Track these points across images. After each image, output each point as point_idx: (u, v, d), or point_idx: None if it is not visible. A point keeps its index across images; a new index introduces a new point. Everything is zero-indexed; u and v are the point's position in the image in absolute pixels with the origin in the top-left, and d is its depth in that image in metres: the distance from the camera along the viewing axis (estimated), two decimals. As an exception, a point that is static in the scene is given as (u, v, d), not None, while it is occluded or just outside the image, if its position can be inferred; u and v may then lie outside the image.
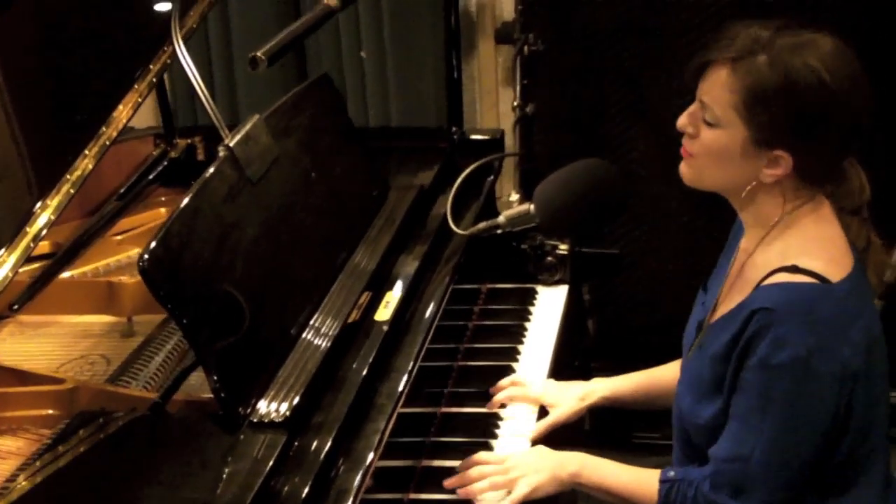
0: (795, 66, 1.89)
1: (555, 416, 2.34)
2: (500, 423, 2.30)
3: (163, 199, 2.86)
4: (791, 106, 1.89)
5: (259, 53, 2.16)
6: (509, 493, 2.09)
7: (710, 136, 1.97)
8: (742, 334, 1.93)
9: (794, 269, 1.93)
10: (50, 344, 2.37)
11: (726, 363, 1.97)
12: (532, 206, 2.39)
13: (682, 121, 2.02)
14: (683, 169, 2.05)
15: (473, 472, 2.11)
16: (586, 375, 2.57)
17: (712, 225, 2.22)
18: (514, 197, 2.77)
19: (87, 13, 2.51)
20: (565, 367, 2.56)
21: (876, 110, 1.94)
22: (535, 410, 2.36)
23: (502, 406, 2.35)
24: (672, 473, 2.07)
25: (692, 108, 2.01)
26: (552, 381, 2.43)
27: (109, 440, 1.93)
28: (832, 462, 1.96)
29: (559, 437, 2.34)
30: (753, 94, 1.90)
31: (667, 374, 2.36)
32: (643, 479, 2.10)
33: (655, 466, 2.12)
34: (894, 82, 2.98)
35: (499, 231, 2.46)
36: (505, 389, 2.37)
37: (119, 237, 2.69)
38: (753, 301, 1.93)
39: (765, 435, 1.91)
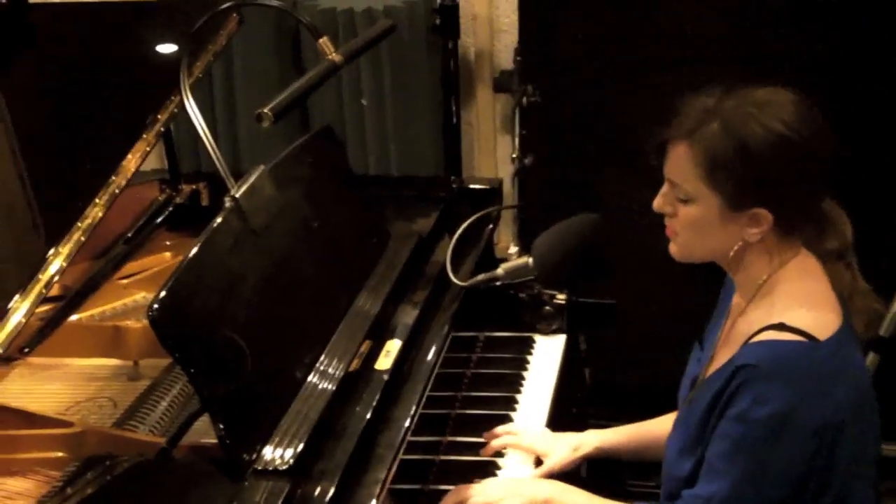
0: (747, 126, 1.93)
1: (548, 465, 2.37)
2: (497, 471, 2.34)
3: (168, 243, 2.90)
4: (751, 166, 1.93)
5: (266, 110, 2.21)
6: None
7: (687, 212, 2.01)
8: (725, 389, 1.96)
9: (781, 327, 1.96)
10: (58, 386, 2.40)
11: (710, 418, 2.01)
12: (530, 260, 2.45)
13: (658, 203, 2.07)
14: (672, 248, 2.09)
15: (451, 498, 2.17)
16: (583, 424, 2.61)
17: (706, 279, 2.26)
18: (513, 249, 2.81)
19: (95, 62, 2.57)
20: (563, 416, 2.59)
21: (860, 155, 1.98)
22: (531, 459, 2.40)
23: (498, 455, 2.39)
24: None
25: (663, 189, 2.06)
26: (546, 430, 2.46)
27: (116, 483, 1.97)
28: None
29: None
30: (713, 163, 1.94)
31: (659, 427, 2.39)
32: None
33: (647, 514, 2.15)
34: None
35: (497, 283, 2.51)
36: (500, 437, 2.41)
37: (125, 281, 2.72)
38: (739, 358, 1.97)
39: (732, 480, 1.95)
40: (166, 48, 2.66)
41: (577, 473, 2.46)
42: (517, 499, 2.17)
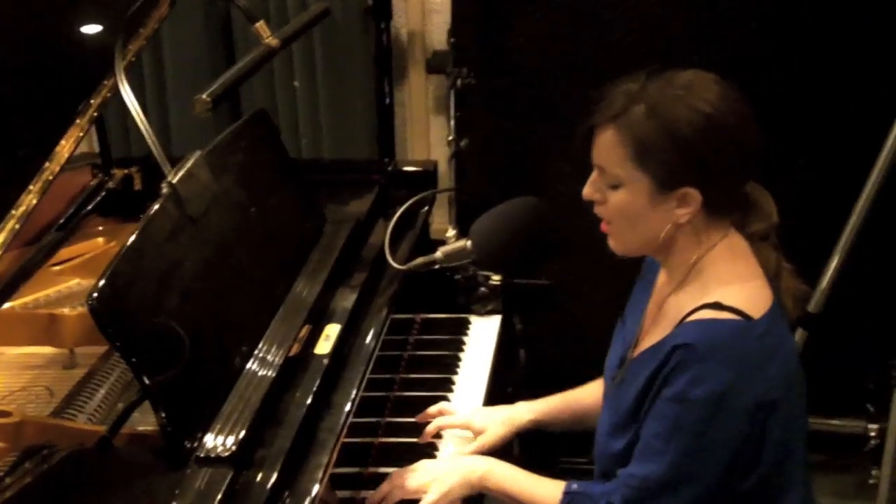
0: (673, 108, 1.96)
1: (482, 441, 2.39)
2: (436, 452, 2.36)
3: (100, 228, 2.87)
4: (677, 145, 1.95)
5: (204, 96, 2.20)
6: None
7: (617, 197, 2.03)
8: (662, 368, 1.99)
9: (717, 307, 1.99)
10: (-8, 375, 2.38)
11: (645, 397, 2.03)
12: (469, 243, 2.45)
13: (587, 191, 2.09)
14: (610, 242, 2.11)
15: (386, 485, 2.20)
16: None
17: (638, 259, 2.29)
18: (451, 233, 2.82)
19: (24, 48, 2.53)
20: (499, 396, 2.61)
21: (793, 139, 2.01)
22: (470, 437, 2.41)
23: (437, 436, 2.40)
24: (575, 486, 2.15)
25: (592, 176, 2.08)
26: (480, 406, 2.48)
27: (54, 473, 1.93)
28: (742, 491, 2.02)
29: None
30: (641, 145, 1.97)
31: (589, 396, 2.43)
32: (548, 489, 2.18)
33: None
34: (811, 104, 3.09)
35: (436, 266, 2.52)
36: (433, 421, 2.42)
37: (58, 268, 2.69)
38: (676, 337, 1.99)
39: (669, 458, 1.98)
40: (98, 31, 2.63)
41: (510, 451, 2.48)
42: (451, 477, 2.20)
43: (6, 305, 2.49)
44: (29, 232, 2.74)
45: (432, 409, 2.44)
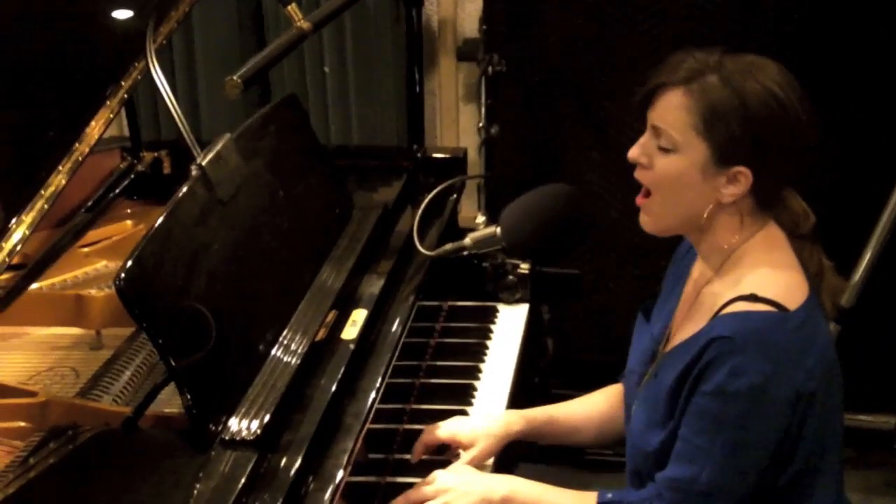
0: (748, 83, 1.93)
1: (469, 456, 2.25)
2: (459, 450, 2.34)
3: (129, 211, 2.88)
4: (748, 122, 1.93)
5: (235, 77, 2.19)
6: None
7: (667, 161, 1.99)
8: (697, 362, 1.95)
9: (752, 298, 1.96)
10: (20, 355, 2.38)
11: (681, 389, 1.99)
12: (498, 230, 2.44)
13: (634, 152, 2.03)
14: (643, 218, 2.07)
15: (402, 500, 2.09)
16: (545, 394, 2.61)
17: (667, 249, 2.27)
18: (480, 219, 2.81)
19: (56, 29, 2.53)
20: (525, 386, 2.59)
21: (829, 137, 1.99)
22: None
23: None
24: (610, 496, 2.08)
25: (643, 138, 2.03)
26: (463, 419, 2.34)
27: (80, 454, 1.95)
28: (779, 485, 1.99)
29: (513, 454, 2.38)
30: (712, 112, 1.93)
31: (578, 410, 2.38)
32: (578, 502, 2.11)
33: (607, 484, 2.14)
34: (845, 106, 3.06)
35: (465, 253, 2.50)
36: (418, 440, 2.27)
37: (86, 249, 2.70)
38: (712, 329, 1.96)
39: (714, 457, 1.94)
40: (129, 14, 2.63)
41: (534, 444, 2.45)
42: (470, 497, 2.08)
43: (34, 286, 2.50)
44: (58, 214, 2.75)
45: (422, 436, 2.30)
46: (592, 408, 2.38)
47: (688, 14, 3.36)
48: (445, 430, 2.27)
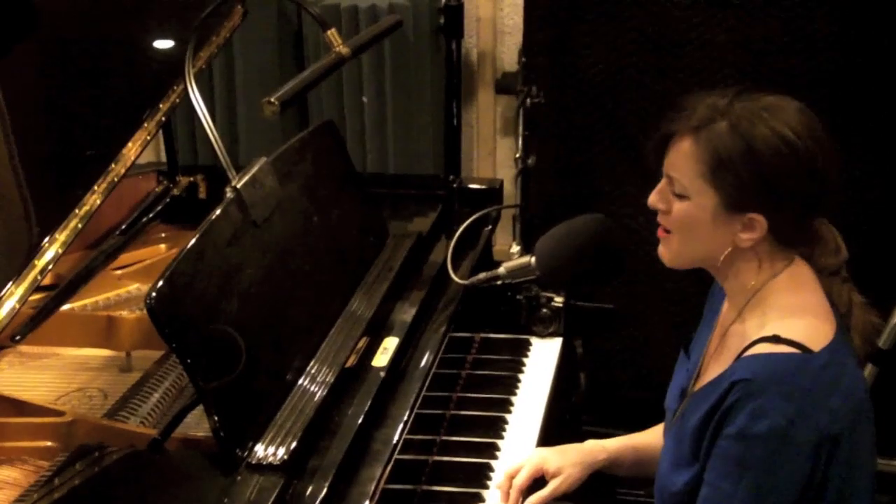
0: (756, 128, 1.90)
1: (554, 486, 2.24)
2: (491, 473, 2.31)
3: (163, 235, 2.88)
4: (756, 168, 1.90)
5: (272, 99, 2.19)
6: None
7: (681, 207, 1.98)
8: (721, 404, 1.93)
9: (775, 340, 1.93)
10: (49, 375, 2.38)
11: (704, 432, 1.97)
12: (533, 259, 2.42)
13: (653, 199, 2.03)
14: (661, 250, 2.06)
15: None
16: (577, 429, 2.57)
17: (703, 285, 2.24)
18: (515, 249, 2.79)
19: (96, 52, 2.54)
20: (557, 420, 2.56)
21: (862, 172, 1.96)
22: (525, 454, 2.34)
23: (492, 456, 2.34)
24: None
25: (660, 184, 2.02)
26: (547, 448, 2.32)
27: (106, 475, 1.95)
28: None
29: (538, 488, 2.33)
30: (718, 160, 1.91)
31: (652, 438, 2.36)
32: None
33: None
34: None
35: (498, 282, 2.48)
36: (513, 489, 2.24)
37: (119, 272, 2.71)
38: (734, 372, 1.94)
39: (738, 501, 1.91)
40: (170, 37, 2.64)
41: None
42: None
43: (66, 306, 2.50)
44: (92, 235, 2.75)
45: (502, 483, 2.26)
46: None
47: (729, 48, 3.34)
48: (533, 461, 2.26)
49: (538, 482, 2.25)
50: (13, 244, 2.18)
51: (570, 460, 2.28)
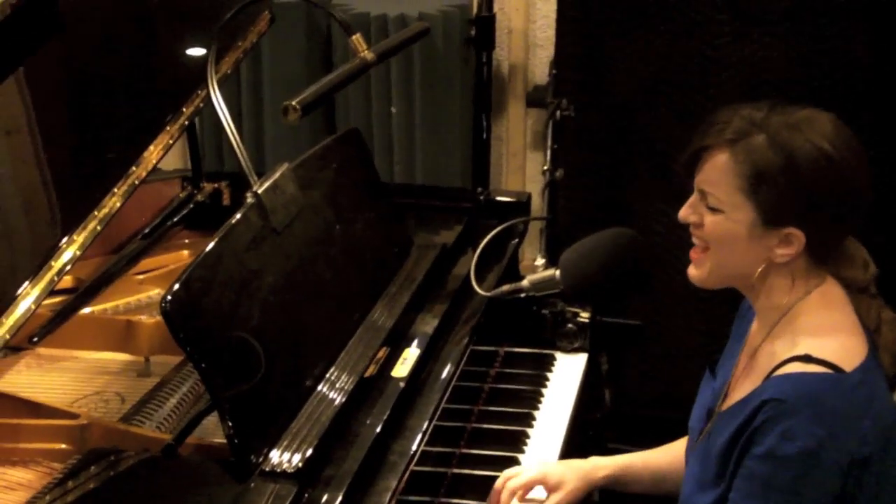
0: (796, 142, 1.87)
1: (555, 499, 2.22)
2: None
3: (186, 241, 2.86)
4: (797, 182, 1.87)
5: (294, 103, 2.17)
6: None
7: (715, 221, 1.94)
8: (749, 424, 1.89)
9: (807, 359, 1.90)
10: (66, 378, 2.36)
11: (732, 452, 1.93)
12: (557, 272, 2.39)
13: (684, 212, 2.00)
14: (692, 272, 2.02)
15: None
16: (601, 446, 2.54)
17: (731, 304, 2.20)
18: (540, 262, 2.76)
19: (120, 54, 2.53)
20: (580, 436, 2.53)
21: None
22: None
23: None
24: None
25: (692, 199, 1.99)
26: (549, 462, 2.33)
27: (119, 479, 1.93)
28: None
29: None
30: (757, 175, 1.88)
31: (665, 455, 2.33)
32: None
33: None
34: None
35: (522, 295, 2.45)
36: (504, 485, 2.21)
37: (141, 277, 2.69)
38: (764, 391, 1.90)
39: None
40: (197, 41, 2.63)
41: (590, 498, 2.38)
42: None
43: (86, 310, 2.48)
44: (115, 240, 2.74)
45: (498, 483, 2.24)
46: (679, 455, 2.31)
47: (761, 64, 3.31)
48: (534, 470, 2.23)
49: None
50: (38, 248, 2.16)
51: (572, 475, 2.25)
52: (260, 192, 2.15)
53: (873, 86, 3.28)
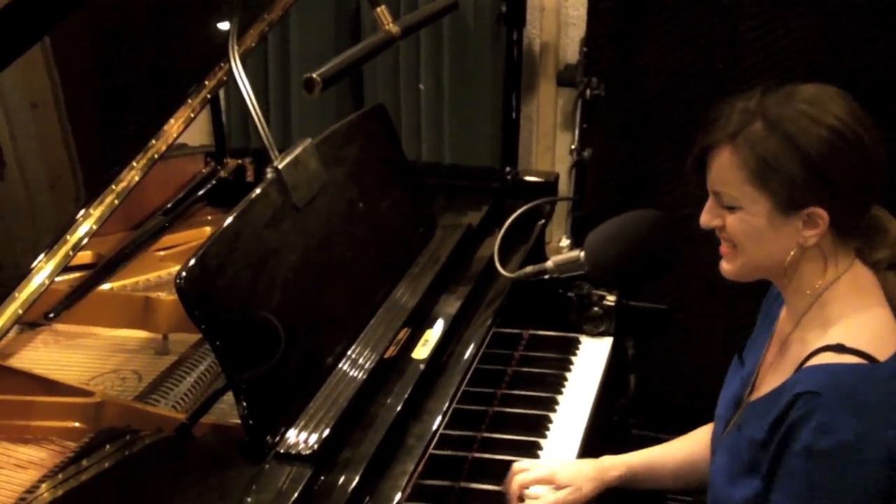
0: (792, 119, 1.84)
1: (561, 495, 2.17)
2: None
3: (209, 217, 2.84)
4: (802, 161, 1.83)
5: (315, 75, 2.14)
6: None
7: (736, 219, 1.91)
8: (785, 418, 1.85)
9: (840, 349, 1.86)
10: (83, 355, 2.34)
11: (767, 447, 1.89)
12: (582, 254, 2.34)
13: (704, 219, 1.97)
14: (724, 266, 1.99)
15: None
16: (625, 432, 2.49)
17: (758, 289, 2.16)
18: (565, 243, 2.71)
19: (143, 27, 2.50)
20: (604, 421, 2.48)
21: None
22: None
23: (534, 456, 2.29)
24: None
25: (708, 203, 1.96)
26: (561, 460, 2.28)
27: (133, 459, 1.91)
28: None
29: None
30: (762, 163, 1.85)
31: (681, 449, 2.29)
32: None
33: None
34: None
35: (546, 276, 2.41)
36: (514, 478, 2.19)
37: (161, 253, 2.67)
38: (797, 383, 1.86)
39: None
40: (222, 14, 2.59)
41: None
42: None
43: (105, 286, 2.46)
44: (137, 216, 2.72)
45: (517, 466, 2.22)
46: (693, 449, 2.27)
47: (794, 47, 3.25)
48: (545, 468, 2.20)
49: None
50: (60, 223, 2.13)
51: (583, 475, 2.21)
52: (280, 167, 2.11)
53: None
